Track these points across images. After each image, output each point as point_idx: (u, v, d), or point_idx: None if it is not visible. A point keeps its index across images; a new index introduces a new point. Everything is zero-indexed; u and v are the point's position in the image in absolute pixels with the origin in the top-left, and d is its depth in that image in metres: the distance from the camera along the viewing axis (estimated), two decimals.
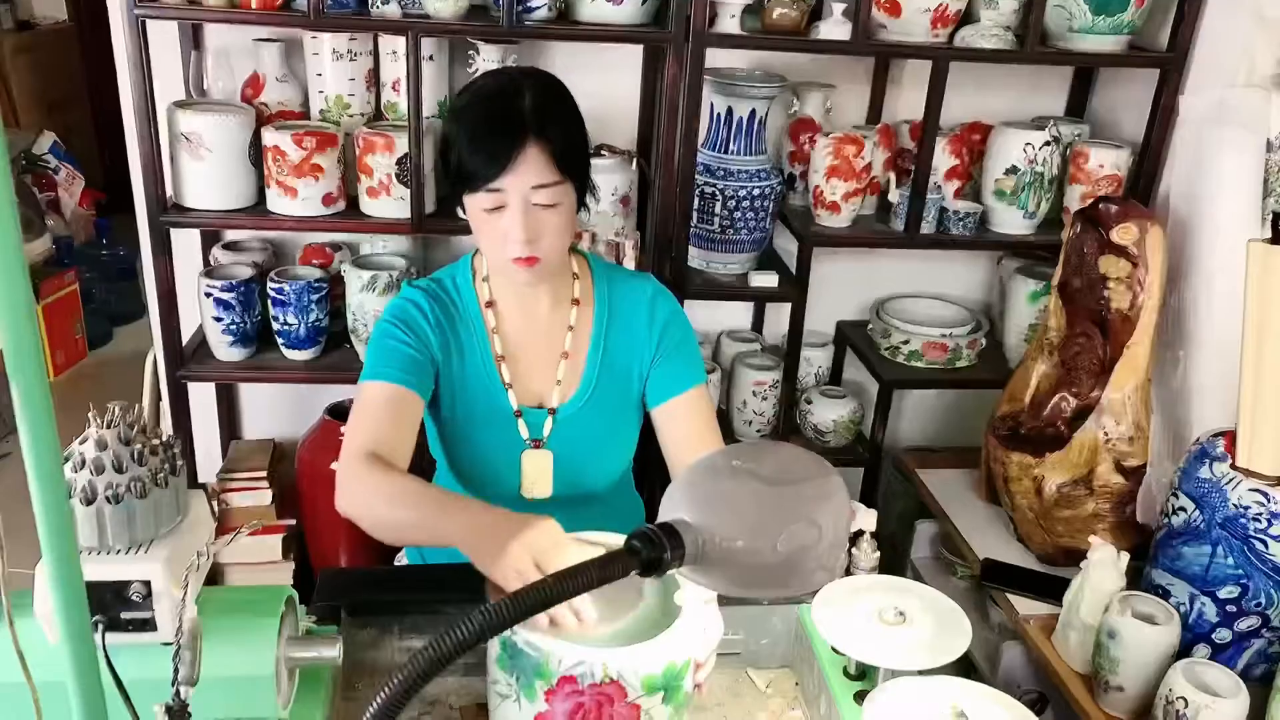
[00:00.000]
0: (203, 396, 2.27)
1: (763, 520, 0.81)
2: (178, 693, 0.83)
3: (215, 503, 2.24)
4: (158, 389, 2.26)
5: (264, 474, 2.23)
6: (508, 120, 1.26)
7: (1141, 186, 2.14)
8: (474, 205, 1.30)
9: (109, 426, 0.90)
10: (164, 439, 0.94)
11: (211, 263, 2.17)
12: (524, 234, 1.28)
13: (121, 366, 3.82)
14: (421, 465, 1.57)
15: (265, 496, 2.23)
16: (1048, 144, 2.12)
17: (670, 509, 0.83)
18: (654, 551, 0.78)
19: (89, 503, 0.87)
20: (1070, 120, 2.34)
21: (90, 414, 0.91)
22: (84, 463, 0.88)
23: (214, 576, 2.03)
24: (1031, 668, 1.91)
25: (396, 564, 1.70)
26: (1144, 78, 2.16)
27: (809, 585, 0.84)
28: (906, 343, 2.29)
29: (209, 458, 2.33)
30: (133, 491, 0.88)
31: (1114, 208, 1.84)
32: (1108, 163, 2.14)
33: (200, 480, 2.29)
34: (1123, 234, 1.81)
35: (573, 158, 1.30)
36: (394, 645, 1.32)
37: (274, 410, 2.42)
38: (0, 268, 0.54)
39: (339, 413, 2.24)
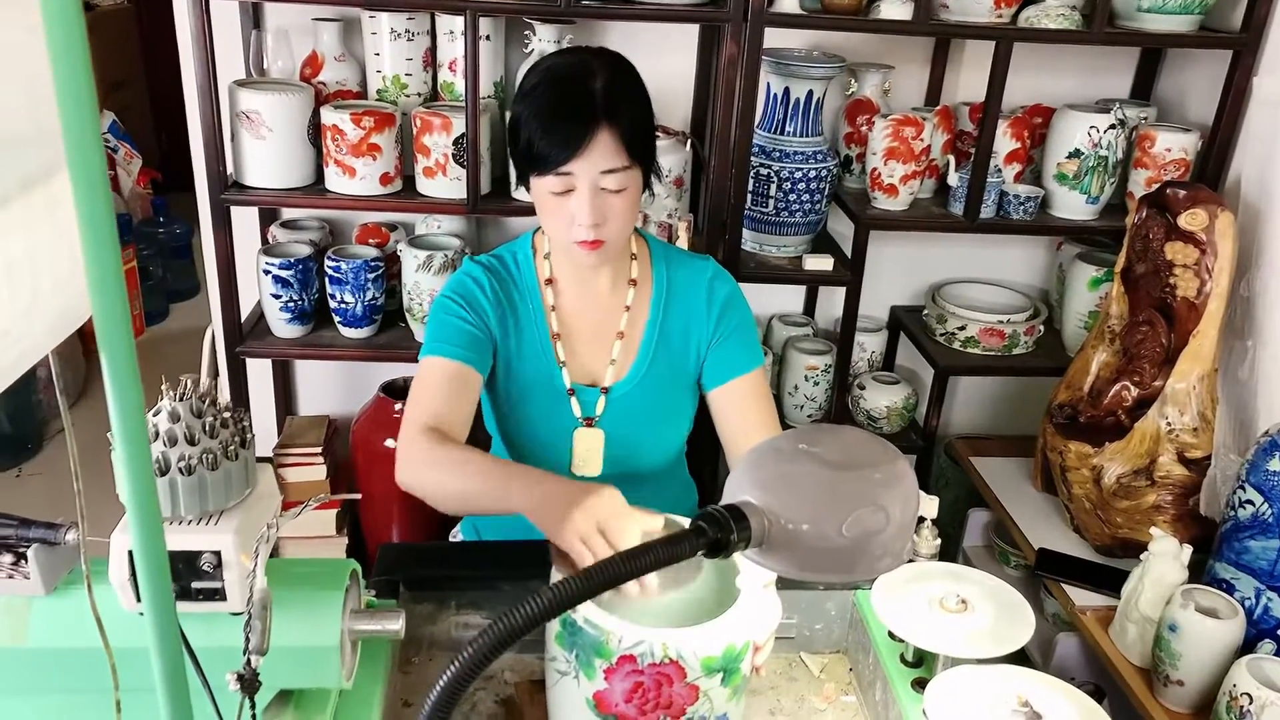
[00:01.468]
0: (259, 372, 2.31)
1: (829, 504, 0.80)
2: (248, 661, 0.84)
3: None
4: (215, 364, 2.29)
5: (319, 450, 2.25)
6: (579, 103, 1.25)
7: (1210, 171, 2.09)
8: (541, 187, 1.30)
9: (181, 399, 0.91)
10: (234, 412, 0.95)
11: (269, 240, 2.20)
12: (591, 218, 1.28)
13: (178, 342, 3.90)
14: (478, 440, 1.58)
15: (320, 472, 2.26)
16: (1113, 127, 2.07)
17: (735, 491, 0.82)
18: (720, 532, 0.77)
19: (162, 474, 0.88)
20: (1136, 103, 2.28)
21: (163, 386, 0.92)
22: (157, 434, 0.89)
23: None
24: (1086, 659, 1.88)
25: (450, 539, 1.72)
26: (1214, 59, 2.10)
27: (875, 571, 0.84)
28: (963, 328, 2.26)
29: (265, 433, 2.36)
30: (204, 463, 0.89)
31: (1182, 192, 1.79)
32: (1175, 146, 2.08)
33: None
34: (1191, 219, 1.77)
35: (641, 142, 1.30)
36: (451, 620, 1.34)
37: (329, 387, 2.45)
38: (90, 234, 0.55)
39: (393, 390, 2.27)
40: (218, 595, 0.92)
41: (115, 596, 0.91)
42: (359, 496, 1.07)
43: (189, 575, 0.91)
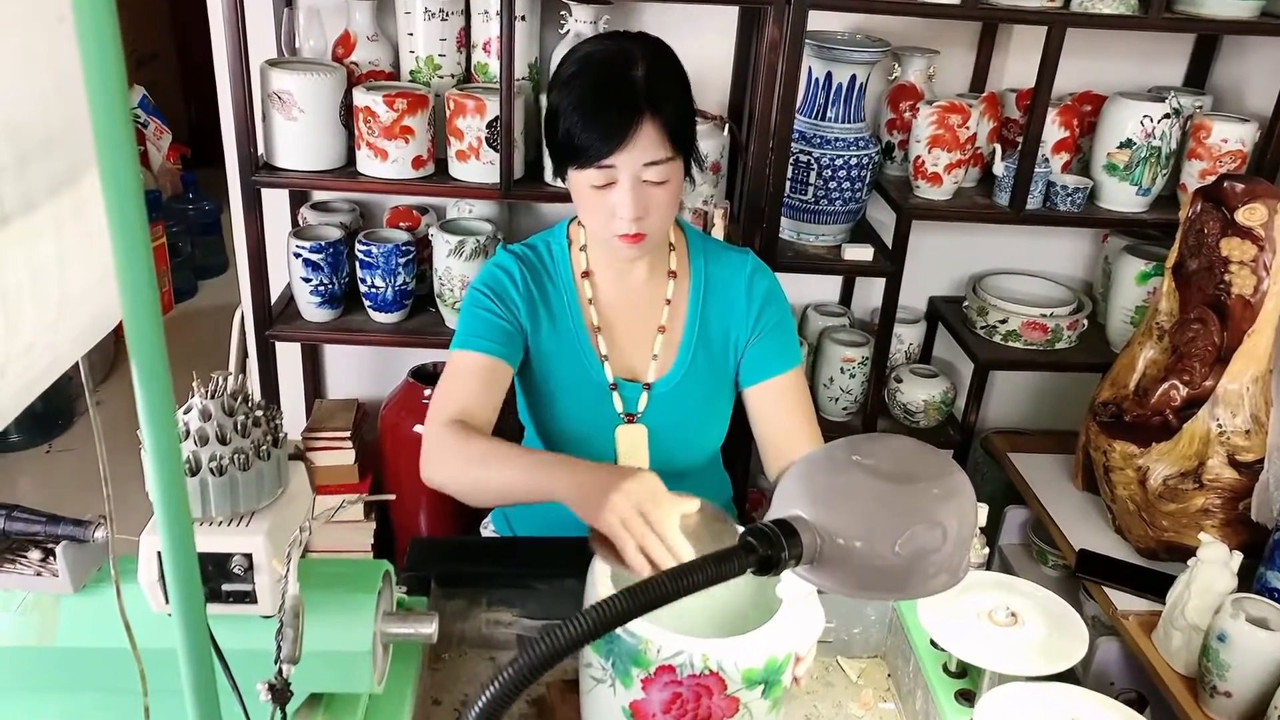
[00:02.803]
0: (288, 355, 2.29)
1: (884, 520, 0.77)
2: (280, 671, 0.82)
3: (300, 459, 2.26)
4: (244, 347, 2.28)
5: (347, 434, 2.24)
6: (622, 94, 1.21)
7: (1269, 163, 2.01)
8: (580, 180, 1.26)
9: (212, 397, 0.88)
10: (266, 409, 0.92)
11: (300, 223, 2.17)
12: (633, 211, 1.24)
13: (207, 320, 3.90)
14: (505, 431, 1.55)
15: (348, 456, 2.25)
16: (1167, 116, 2.00)
17: (785, 503, 0.79)
18: (771, 549, 0.74)
19: (193, 474, 0.86)
20: (1190, 90, 2.21)
21: (194, 383, 0.89)
22: (188, 433, 0.87)
23: None
24: (1127, 665, 1.84)
25: (482, 530, 1.69)
26: (1274, 46, 2.04)
27: (928, 590, 0.80)
28: (1004, 321, 2.20)
29: (293, 416, 2.34)
30: (236, 464, 0.87)
31: (1240, 186, 1.73)
32: (1232, 137, 2.01)
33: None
34: (1249, 215, 1.70)
35: (684, 131, 1.26)
36: (482, 617, 1.31)
37: (358, 370, 2.43)
38: (122, 237, 0.52)
39: (423, 375, 2.24)
40: (248, 598, 0.90)
41: (145, 595, 0.89)
42: (393, 497, 1.06)
43: (219, 578, 0.89)
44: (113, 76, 0.48)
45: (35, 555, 0.93)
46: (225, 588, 0.89)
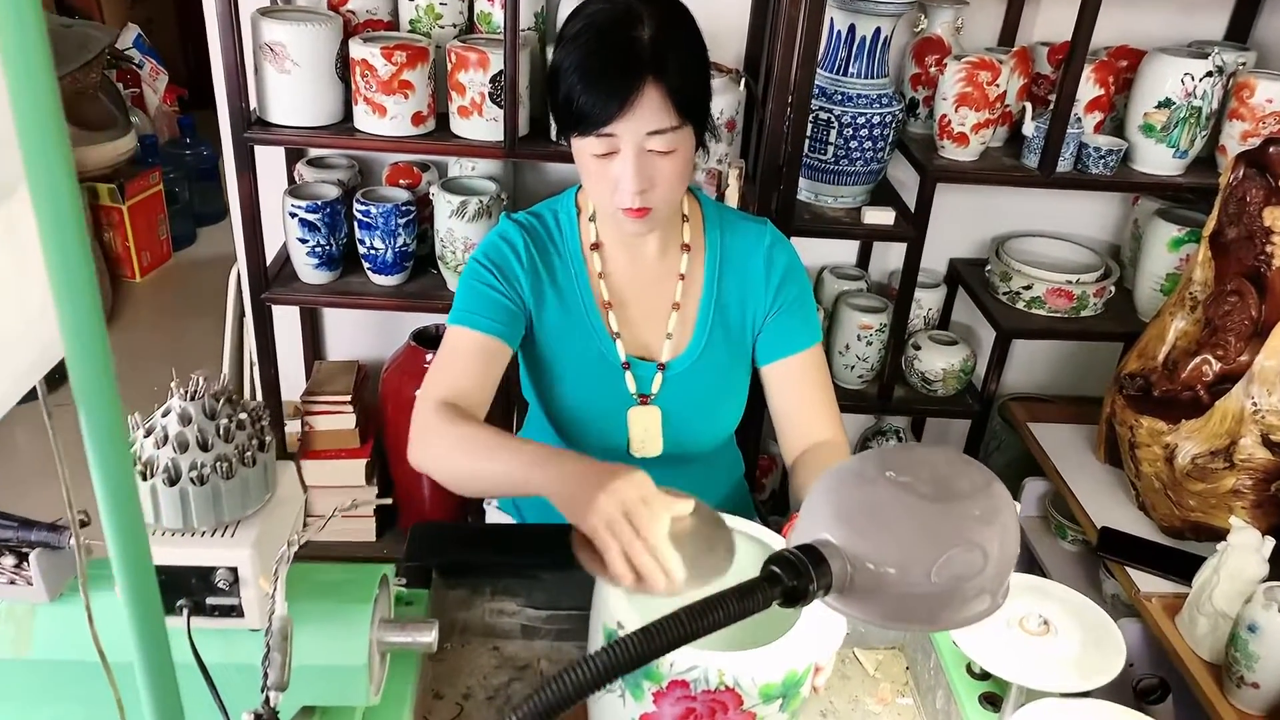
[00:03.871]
0: (287, 315, 2.22)
1: (919, 543, 0.71)
2: (266, 700, 0.77)
3: (299, 422, 2.20)
4: (241, 307, 2.21)
5: (348, 397, 2.18)
6: (624, 56, 1.12)
7: None
8: (582, 148, 1.18)
9: (192, 399, 0.82)
10: (251, 410, 0.85)
11: (296, 179, 2.09)
12: (636, 184, 1.15)
13: (206, 269, 3.82)
14: (507, 404, 1.48)
15: (349, 420, 2.19)
16: (1210, 74, 1.89)
17: (812, 525, 0.72)
18: (798, 579, 0.68)
19: (172, 483, 0.80)
20: (1232, 45, 2.09)
21: (172, 384, 0.83)
22: (166, 439, 0.80)
23: None
24: (1148, 648, 1.79)
25: (485, 506, 1.64)
26: None
27: (965, 618, 0.74)
28: (1029, 288, 2.11)
29: (292, 378, 2.28)
30: (219, 472, 0.80)
31: None
32: (1277, 97, 1.90)
33: (284, 400, 2.24)
34: None
35: (693, 98, 1.17)
36: (485, 606, 1.27)
37: (359, 332, 2.36)
38: (60, 264, 0.44)
39: (424, 339, 2.17)
40: (234, 612, 0.84)
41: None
42: (390, 501, 1.01)
43: (204, 591, 0.83)
44: (39, 68, 0.40)
45: (8, 561, 0.87)
46: (210, 601, 0.83)
